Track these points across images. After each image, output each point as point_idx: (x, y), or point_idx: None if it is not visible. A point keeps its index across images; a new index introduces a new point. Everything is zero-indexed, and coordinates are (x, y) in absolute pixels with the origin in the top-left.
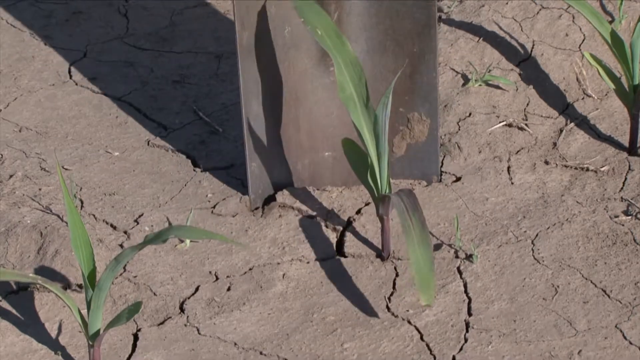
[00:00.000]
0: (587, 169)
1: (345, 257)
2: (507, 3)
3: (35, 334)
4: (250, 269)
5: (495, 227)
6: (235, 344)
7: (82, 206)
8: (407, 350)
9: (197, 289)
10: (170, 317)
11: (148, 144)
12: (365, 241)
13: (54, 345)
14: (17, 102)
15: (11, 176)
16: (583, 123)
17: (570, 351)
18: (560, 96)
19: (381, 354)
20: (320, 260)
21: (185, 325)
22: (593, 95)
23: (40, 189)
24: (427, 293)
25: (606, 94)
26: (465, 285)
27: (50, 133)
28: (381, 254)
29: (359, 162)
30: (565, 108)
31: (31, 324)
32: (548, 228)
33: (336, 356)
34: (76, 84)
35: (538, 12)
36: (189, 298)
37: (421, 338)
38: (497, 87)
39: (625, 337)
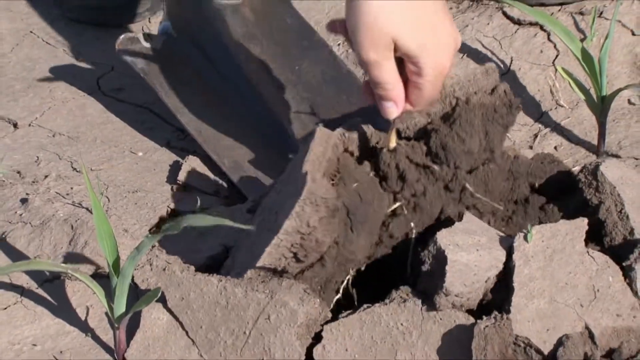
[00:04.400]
0: None
1: None
2: (488, 24)
3: (67, 317)
4: None
5: None
6: None
7: (109, 201)
8: None
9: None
10: None
11: (168, 146)
12: None
13: (84, 327)
14: (51, 111)
15: (46, 176)
16: (556, 129)
17: None
18: (535, 106)
19: None
20: None
21: None
22: (565, 105)
23: (72, 188)
24: None
25: (576, 104)
26: None
27: (81, 137)
28: None
29: None
30: (540, 116)
31: (64, 309)
32: None
33: None
34: (104, 94)
35: (516, 32)
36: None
37: None
38: None
39: None
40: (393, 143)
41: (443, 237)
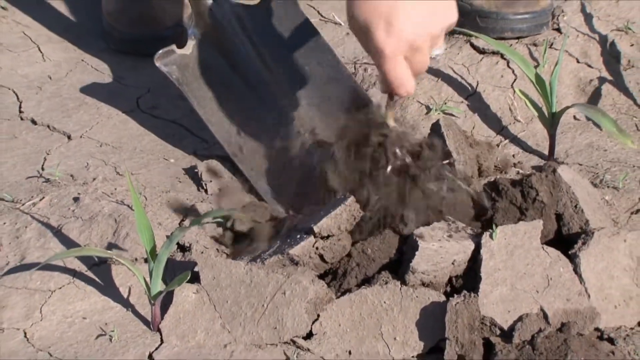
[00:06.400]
0: (517, 174)
1: None
2: (458, 53)
3: (111, 295)
4: None
5: None
6: None
7: (146, 200)
8: None
9: None
10: None
11: (195, 154)
12: None
13: (126, 303)
14: (99, 125)
15: (94, 179)
16: (514, 141)
17: None
18: (497, 121)
19: None
20: None
21: None
22: (521, 120)
23: (115, 189)
24: None
25: (531, 120)
26: None
27: (123, 147)
28: None
29: None
30: (500, 130)
31: (109, 288)
32: None
33: None
34: (142, 112)
35: (481, 60)
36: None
37: None
38: (451, 114)
39: None
40: (392, 122)
41: (419, 231)
